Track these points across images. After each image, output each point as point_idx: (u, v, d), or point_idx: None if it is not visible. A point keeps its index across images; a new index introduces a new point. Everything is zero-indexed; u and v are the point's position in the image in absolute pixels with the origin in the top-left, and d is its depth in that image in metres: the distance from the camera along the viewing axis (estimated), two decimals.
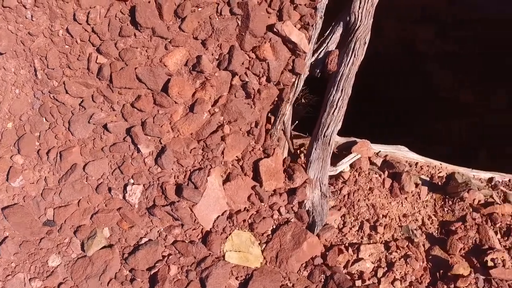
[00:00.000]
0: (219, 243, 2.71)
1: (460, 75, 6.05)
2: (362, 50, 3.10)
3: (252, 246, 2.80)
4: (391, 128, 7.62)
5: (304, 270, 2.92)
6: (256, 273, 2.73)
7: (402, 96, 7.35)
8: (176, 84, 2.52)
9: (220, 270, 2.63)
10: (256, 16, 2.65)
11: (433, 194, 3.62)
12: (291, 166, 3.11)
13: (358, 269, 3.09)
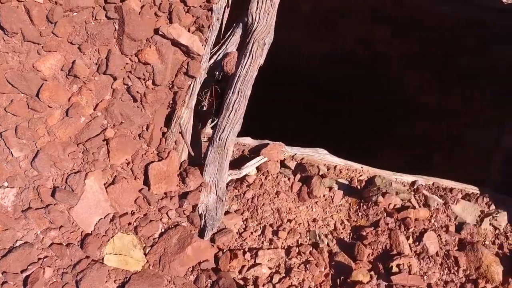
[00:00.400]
0: (97, 245, 2.72)
1: (421, 76, 5.90)
2: (261, 51, 3.07)
3: (134, 250, 2.80)
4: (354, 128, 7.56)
5: (191, 274, 2.90)
6: (135, 276, 2.73)
7: (365, 97, 7.25)
8: (47, 89, 2.55)
9: (95, 273, 2.64)
10: (132, 20, 2.65)
11: (349, 198, 3.54)
12: (187, 169, 3.10)
13: (254, 275, 3.05)
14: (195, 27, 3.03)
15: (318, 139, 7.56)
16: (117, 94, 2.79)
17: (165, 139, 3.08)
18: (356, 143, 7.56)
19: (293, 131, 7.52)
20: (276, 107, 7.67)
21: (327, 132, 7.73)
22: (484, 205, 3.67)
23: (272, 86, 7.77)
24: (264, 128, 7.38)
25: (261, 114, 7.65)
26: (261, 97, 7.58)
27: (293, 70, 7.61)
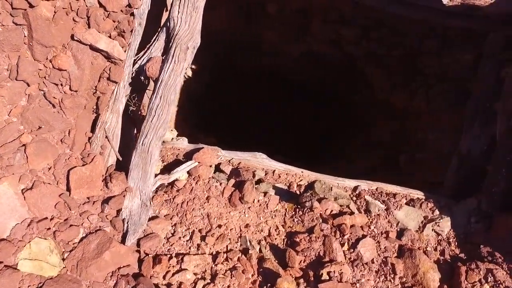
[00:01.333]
0: (12, 251, 2.71)
1: (388, 77, 5.82)
2: (184, 55, 3.04)
3: (50, 255, 2.79)
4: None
5: (110, 279, 2.87)
6: (49, 281, 2.71)
7: (336, 97, 7.19)
8: None
9: (5, 279, 2.62)
10: (40, 27, 2.65)
11: (286, 203, 3.48)
12: (112, 174, 3.08)
13: (178, 280, 3.00)
14: (116, 32, 3.02)
15: (287, 138, 7.52)
16: (33, 100, 2.79)
17: (90, 144, 3.07)
18: (326, 143, 7.50)
19: (260, 130, 7.52)
20: (249, 105, 7.66)
21: (296, 131, 7.70)
22: (428, 211, 3.58)
23: (248, 85, 7.77)
24: (236, 129, 7.37)
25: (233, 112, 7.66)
26: (237, 96, 7.57)
27: (269, 70, 7.59)
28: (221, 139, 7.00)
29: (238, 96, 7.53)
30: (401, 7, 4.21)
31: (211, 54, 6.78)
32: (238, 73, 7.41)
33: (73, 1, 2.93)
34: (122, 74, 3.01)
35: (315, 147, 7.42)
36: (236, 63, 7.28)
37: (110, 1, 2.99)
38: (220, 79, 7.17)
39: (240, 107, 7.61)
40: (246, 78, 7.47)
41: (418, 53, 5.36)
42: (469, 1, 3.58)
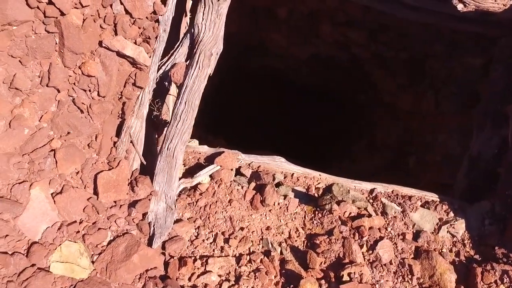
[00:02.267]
0: (44, 254, 2.76)
1: (395, 79, 5.91)
2: (208, 61, 3.11)
3: (80, 257, 2.84)
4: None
5: (138, 281, 2.94)
6: (80, 284, 2.77)
7: (345, 99, 7.27)
8: None
9: (39, 281, 2.68)
10: (71, 35, 2.70)
11: (305, 206, 3.56)
12: (137, 178, 3.14)
13: (204, 282, 3.07)
14: (141, 38, 3.08)
15: (294, 139, 7.61)
16: (62, 106, 2.84)
17: (116, 148, 3.13)
18: (333, 144, 7.60)
19: (267, 130, 7.60)
20: (257, 106, 7.74)
21: (303, 132, 7.79)
22: (443, 213, 3.67)
23: (256, 87, 7.85)
24: (246, 128, 7.44)
25: (243, 114, 7.73)
26: (245, 98, 7.64)
27: (277, 72, 7.66)
28: (230, 140, 7.08)
29: (246, 97, 7.60)
30: (413, 12, 4.29)
31: (220, 56, 6.85)
32: (246, 74, 7.48)
33: (101, 9, 2.98)
34: (147, 80, 3.07)
35: (322, 148, 7.50)
36: (244, 64, 7.35)
37: (136, 8, 3.04)
38: (229, 80, 7.23)
39: (247, 108, 7.68)
40: (254, 80, 7.54)
41: (426, 56, 5.44)
42: (483, 7, 3.66)
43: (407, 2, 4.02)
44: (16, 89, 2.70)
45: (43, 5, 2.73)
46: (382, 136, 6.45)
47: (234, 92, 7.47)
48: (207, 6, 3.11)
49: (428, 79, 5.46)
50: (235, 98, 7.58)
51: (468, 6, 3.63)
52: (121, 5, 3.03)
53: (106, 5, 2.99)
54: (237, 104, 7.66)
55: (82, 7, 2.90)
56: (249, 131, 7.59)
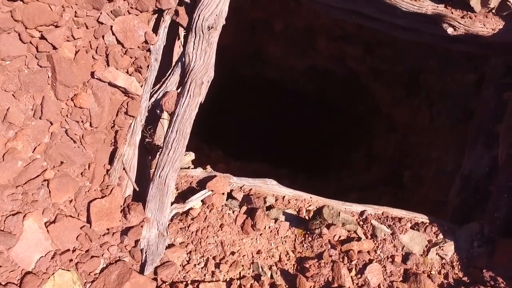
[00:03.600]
0: (37, 283, 2.83)
1: (391, 92, 5.94)
2: (199, 90, 3.15)
3: (73, 286, 2.91)
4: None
5: None
6: None
7: (343, 110, 7.30)
8: None
9: None
10: (63, 69, 2.76)
11: (296, 229, 3.61)
12: (130, 205, 3.20)
13: None
14: (133, 67, 3.13)
15: (291, 149, 7.64)
16: (55, 137, 2.90)
17: (109, 176, 3.18)
18: (329, 154, 7.64)
19: (265, 140, 7.65)
20: (254, 116, 7.79)
21: (299, 141, 7.83)
22: (432, 235, 3.72)
23: (253, 96, 7.89)
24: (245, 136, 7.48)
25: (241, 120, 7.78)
26: (242, 107, 7.68)
27: (273, 82, 7.70)
28: (227, 151, 7.12)
29: (243, 107, 7.65)
30: (405, 32, 4.32)
31: (216, 68, 6.89)
32: (243, 85, 7.52)
33: (93, 40, 3.04)
34: (139, 109, 3.12)
35: (318, 157, 7.55)
36: (241, 75, 7.39)
37: (128, 38, 3.09)
38: (225, 91, 7.27)
39: (244, 118, 7.72)
40: (251, 90, 7.58)
41: (421, 70, 5.47)
42: (473, 31, 3.69)
43: (399, 24, 4.05)
44: (10, 123, 2.76)
45: (35, 40, 2.79)
46: (379, 148, 6.49)
47: (231, 102, 7.52)
48: (197, 36, 3.15)
49: (424, 92, 5.49)
50: (231, 107, 7.62)
51: (458, 30, 3.66)
52: (113, 35, 3.08)
53: (98, 36, 3.04)
54: (234, 113, 7.71)
55: (74, 39, 2.95)
56: (246, 140, 7.64)
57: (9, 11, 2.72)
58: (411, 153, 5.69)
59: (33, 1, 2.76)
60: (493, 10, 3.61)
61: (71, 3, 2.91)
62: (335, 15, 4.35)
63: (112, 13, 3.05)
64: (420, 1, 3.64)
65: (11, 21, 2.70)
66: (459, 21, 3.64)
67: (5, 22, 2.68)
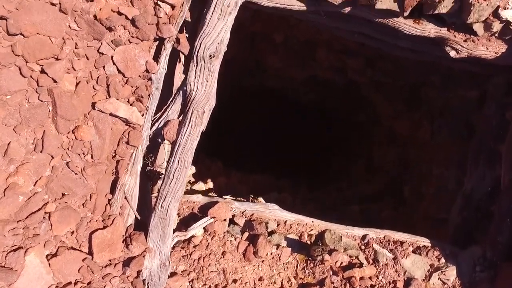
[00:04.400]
0: None
1: (392, 104, 5.93)
2: (200, 119, 3.13)
3: None
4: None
5: None
6: None
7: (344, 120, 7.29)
8: None
9: None
10: (64, 103, 2.74)
11: (297, 255, 3.60)
12: (132, 235, 3.19)
13: None
14: (134, 97, 3.11)
15: (292, 159, 7.62)
16: (56, 170, 2.88)
17: (110, 205, 3.17)
18: (330, 165, 7.63)
19: (265, 150, 7.63)
20: (254, 125, 7.77)
21: (300, 152, 7.82)
22: (434, 259, 3.71)
23: (253, 106, 7.87)
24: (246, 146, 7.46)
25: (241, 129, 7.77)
26: (242, 117, 7.66)
27: (273, 92, 7.68)
28: (227, 161, 7.10)
29: (243, 117, 7.62)
30: (408, 52, 4.30)
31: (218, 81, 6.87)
32: (243, 95, 7.49)
33: (94, 70, 3.01)
34: (141, 138, 3.10)
35: (318, 168, 7.54)
36: (240, 85, 7.36)
37: (129, 67, 3.07)
38: (225, 102, 7.24)
39: (244, 129, 7.70)
40: (251, 100, 7.55)
41: (423, 84, 5.45)
42: (475, 54, 3.67)
43: (402, 46, 4.02)
44: (11, 158, 2.74)
45: (36, 74, 2.76)
46: (379, 159, 6.48)
47: (230, 112, 7.49)
48: (199, 65, 3.12)
49: (425, 107, 5.48)
50: (231, 117, 7.59)
51: (460, 53, 3.64)
52: (113, 65, 3.05)
53: (98, 67, 3.02)
54: (234, 124, 7.68)
55: (74, 70, 2.92)
56: (246, 150, 7.63)
57: (10, 45, 2.69)
58: (411, 167, 5.69)
59: (33, 34, 2.73)
60: (496, 34, 3.57)
61: (71, 35, 2.88)
62: (336, 33, 4.32)
63: (113, 42, 3.02)
64: (423, 24, 3.60)
65: (11, 55, 2.68)
66: (462, 44, 3.61)
67: (5, 57, 2.65)
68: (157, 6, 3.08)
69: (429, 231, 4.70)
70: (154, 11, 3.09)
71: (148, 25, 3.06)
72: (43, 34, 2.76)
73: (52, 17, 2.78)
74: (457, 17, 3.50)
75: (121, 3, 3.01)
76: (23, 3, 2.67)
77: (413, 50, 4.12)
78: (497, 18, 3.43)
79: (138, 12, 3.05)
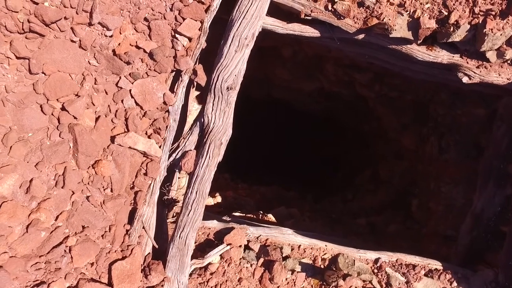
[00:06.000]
0: None
1: (399, 118, 5.96)
2: (218, 150, 3.17)
3: None
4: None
5: None
6: None
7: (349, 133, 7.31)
8: (5, 211, 2.68)
9: None
10: (85, 140, 2.76)
11: (312, 279, 3.65)
12: (150, 265, 3.23)
13: None
14: (152, 129, 3.14)
15: (298, 169, 7.66)
16: (77, 204, 2.91)
17: (129, 235, 3.20)
18: (337, 176, 7.67)
19: (272, 161, 7.66)
20: (260, 136, 7.80)
21: (307, 162, 7.86)
22: (446, 282, 3.76)
23: (259, 116, 7.89)
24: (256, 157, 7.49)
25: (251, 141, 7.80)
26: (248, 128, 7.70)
27: (282, 103, 7.70)
28: (233, 172, 7.13)
29: (249, 127, 7.64)
30: (420, 74, 4.33)
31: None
32: (249, 105, 7.50)
33: (112, 104, 3.04)
34: (158, 170, 3.13)
35: (325, 179, 7.58)
36: (247, 96, 7.37)
37: (147, 100, 3.09)
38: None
39: (251, 139, 7.72)
40: (257, 110, 7.57)
41: (430, 101, 5.48)
42: (487, 80, 3.70)
43: (415, 69, 4.05)
44: (33, 195, 2.77)
45: (57, 111, 2.79)
46: (386, 172, 6.52)
47: (238, 123, 7.50)
48: (216, 97, 3.15)
49: (432, 123, 5.51)
50: (236, 127, 7.60)
51: (473, 79, 3.67)
52: (132, 99, 3.08)
53: (117, 101, 3.04)
54: (239, 134, 7.69)
55: (93, 105, 2.95)
56: (253, 162, 7.66)
57: (32, 84, 2.72)
58: (418, 182, 5.72)
59: (54, 72, 2.75)
60: (508, 61, 3.60)
61: (91, 71, 2.90)
62: (347, 53, 4.34)
63: (131, 76, 3.04)
64: (435, 51, 3.63)
65: (33, 94, 2.71)
66: (475, 70, 3.64)
67: (28, 96, 2.68)
68: (174, 39, 3.10)
69: (438, 248, 4.76)
70: (172, 44, 3.11)
71: (166, 58, 3.09)
72: (63, 71, 2.79)
73: (72, 54, 2.81)
74: (471, 45, 3.53)
75: (139, 38, 3.03)
76: (44, 42, 2.69)
77: (425, 73, 4.15)
78: (510, 46, 3.46)
79: (156, 45, 3.07)
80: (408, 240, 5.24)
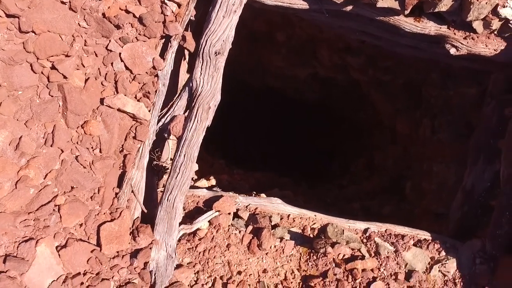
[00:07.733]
0: None
1: (393, 102, 6.00)
2: (206, 114, 3.21)
3: None
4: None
5: None
6: None
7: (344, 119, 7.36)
8: None
9: None
10: (74, 98, 2.82)
11: (300, 248, 3.67)
12: (139, 228, 3.26)
13: None
14: (141, 93, 3.19)
15: (293, 156, 7.69)
16: (66, 164, 2.96)
17: (118, 199, 3.24)
18: (331, 161, 7.69)
19: (266, 148, 7.70)
20: (255, 123, 7.84)
21: (302, 149, 7.89)
22: (434, 252, 3.78)
23: (253, 103, 7.95)
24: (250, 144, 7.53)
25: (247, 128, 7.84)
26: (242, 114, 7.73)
27: (276, 90, 7.75)
28: (229, 159, 7.17)
29: (244, 115, 7.69)
30: (408, 49, 4.37)
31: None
32: (244, 92, 7.56)
33: (102, 67, 3.09)
34: (148, 133, 3.18)
35: (320, 165, 7.61)
36: (242, 83, 7.43)
37: (136, 64, 3.15)
38: (226, 99, 7.31)
39: (245, 126, 7.77)
40: (252, 98, 7.63)
41: (423, 83, 5.52)
42: (475, 51, 3.74)
43: (402, 42, 4.09)
44: (22, 152, 2.82)
45: (47, 70, 2.85)
46: (380, 156, 6.55)
47: (232, 110, 7.56)
48: (205, 61, 3.20)
49: (425, 105, 5.54)
50: (232, 116, 7.66)
51: (460, 50, 3.71)
52: (121, 62, 3.13)
53: (107, 64, 3.10)
54: (235, 122, 7.75)
55: (84, 67, 3.01)
56: (248, 149, 7.70)
57: (22, 43, 2.78)
58: (412, 165, 5.75)
59: (44, 32, 2.81)
60: (495, 32, 3.65)
61: (81, 33, 2.96)
62: (338, 31, 4.40)
63: (121, 40, 3.10)
64: (423, 22, 3.68)
65: (23, 52, 2.76)
66: (462, 42, 3.69)
67: (18, 54, 2.74)
68: (163, 4, 3.16)
69: (429, 225, 4.77)
70: (161, 10, 3.17)
71: (155, 23, 3.15)
72: (53, 31, 2.85)
73: (62, 15, 2.87)
74: (457, 15, 3.57)
75: (129, 2, 3.09)
76: (34, 2, 2.76)
77: (413, 46, 4.19)
78: (496, 16, 3.50)
79: (146, 10, 3.13)
80: (401, 220, 5.25)
